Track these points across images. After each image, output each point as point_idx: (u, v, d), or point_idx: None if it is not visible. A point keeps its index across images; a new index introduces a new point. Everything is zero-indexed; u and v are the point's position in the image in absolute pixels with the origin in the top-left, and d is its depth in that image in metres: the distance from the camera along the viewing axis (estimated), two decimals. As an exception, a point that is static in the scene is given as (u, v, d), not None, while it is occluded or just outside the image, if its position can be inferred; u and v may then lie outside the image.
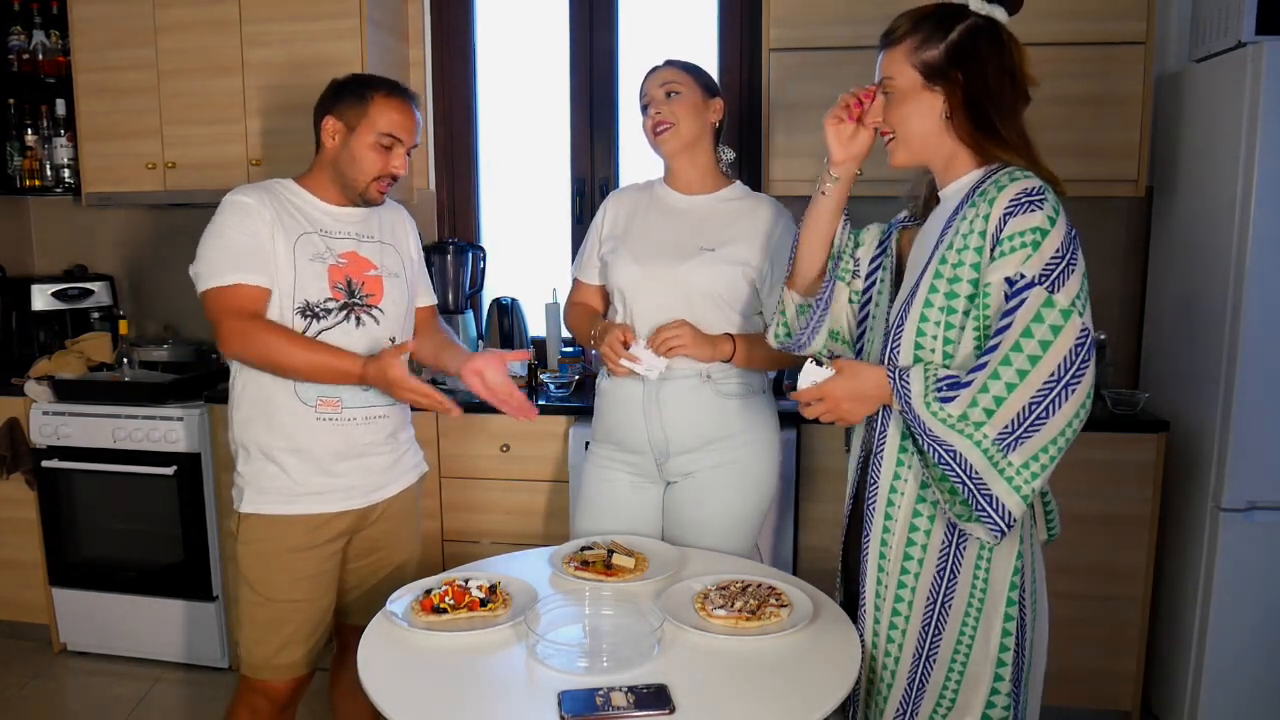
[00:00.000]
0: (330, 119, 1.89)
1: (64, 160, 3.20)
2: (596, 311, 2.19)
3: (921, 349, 1.49)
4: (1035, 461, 1.40)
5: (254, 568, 1.91)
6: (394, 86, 1.91)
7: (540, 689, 1.41)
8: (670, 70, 2.04)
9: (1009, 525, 1.41)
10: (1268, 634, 2.38)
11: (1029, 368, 1.37)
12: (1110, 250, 2.91)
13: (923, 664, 1.56)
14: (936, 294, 1.47)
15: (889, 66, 1.52)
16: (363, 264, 1.93)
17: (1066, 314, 1.37)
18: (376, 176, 1.90)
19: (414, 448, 2.10)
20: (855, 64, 2.61)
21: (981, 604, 1.51)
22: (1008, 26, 1.51)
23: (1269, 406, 2.30)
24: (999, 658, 1.51)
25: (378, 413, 1.95)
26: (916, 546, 1.54)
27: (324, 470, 1.90)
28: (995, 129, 1.48)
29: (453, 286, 3.10)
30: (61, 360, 3.01)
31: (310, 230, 1.89)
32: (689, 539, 2.04)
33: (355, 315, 1.90)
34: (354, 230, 1.96)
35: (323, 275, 1.87)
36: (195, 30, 2.88)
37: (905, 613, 1.56)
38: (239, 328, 1.80)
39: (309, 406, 1.88)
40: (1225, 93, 2.35)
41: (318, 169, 1.95)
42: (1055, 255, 1.38)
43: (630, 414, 2.04)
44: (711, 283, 1.99)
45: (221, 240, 1.84)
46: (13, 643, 3.14)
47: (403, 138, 1.90)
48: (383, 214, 2.04)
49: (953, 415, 1.40)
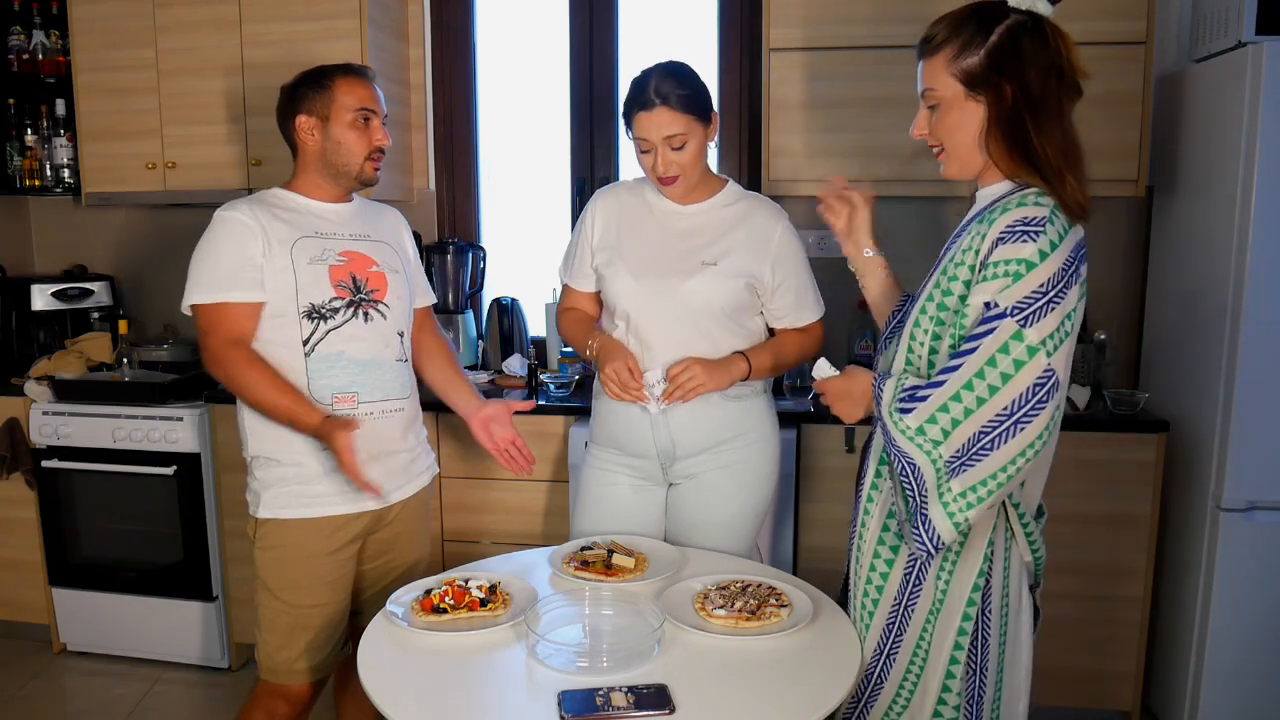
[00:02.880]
0: (301, 117, 1.93)
1: (64, 160, 3.20)
2: (591, 318, 2.15)
3: (912, 352, 1.50)
4: (973, 493, 1.37)
5: (274, 573, 1.91)
6: (348, 67, 1.97)
7: (540, 689, 1.41)
8: (671, 116, 1.85)
9: (935, 548, 1.41)
10: (1268, 634, 2.38)
11: (987, 396, 1.34)
12: (1110, 250, 2.91)
13: (883, 661, 1.57)
14: (931, 303, 1.47)
15: (930, 77, 1.46)
16: (364, 261, 1.95)
17: (1033, 351, 1.33)
18: (367, 155, 1.94)
19: (426, 449, 2.11)
20: (856, 63, 2.62)
21: (937, 615, 1.50)
22: (1051, 19, 1.43)
23: (1269, 406, 2.30)
24: (949, 669, 1.50)
25: (394, 405, 1.96)
26: (885, 546, 1.55)
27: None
28: (1030, 145, 1.40)
29: (453, 286, 3.10)
30: (61, 360, 3.01)
31: (306, 234, 1.90)
32: (692, 539, 2.03)
33: (363, 311, 1.92)
34: (350, 230, 1.97)
35: (324, 276, 1.89)
36: (195, 30, 2.88)
37: (871, 609, 1.57)
38: (221, 354, 1.84)
39: (325, 404, 1.88)
40: (1225, 93, 2.35)
41: (302, 172, 1.97)
42: (1037, 290, 1.33)
43: (636, 421, 2.02)
44: (715, 298, 1.95)
45: (210, 257, 1.86)
46: (13, 643, 3.14)
47: (374, 109, 1.94)
48: (378, 215, 2.06)
49: (910, 427, 1.40)
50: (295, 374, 1.87)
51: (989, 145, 1.44)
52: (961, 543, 1.48)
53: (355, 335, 1.90)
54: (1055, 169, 1.40)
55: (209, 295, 1.84)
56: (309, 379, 1.87)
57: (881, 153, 2.63)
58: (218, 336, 1.84)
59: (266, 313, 1.87)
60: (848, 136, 2.64)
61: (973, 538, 1.47)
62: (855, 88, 2.61)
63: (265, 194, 1.96)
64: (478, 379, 2.92)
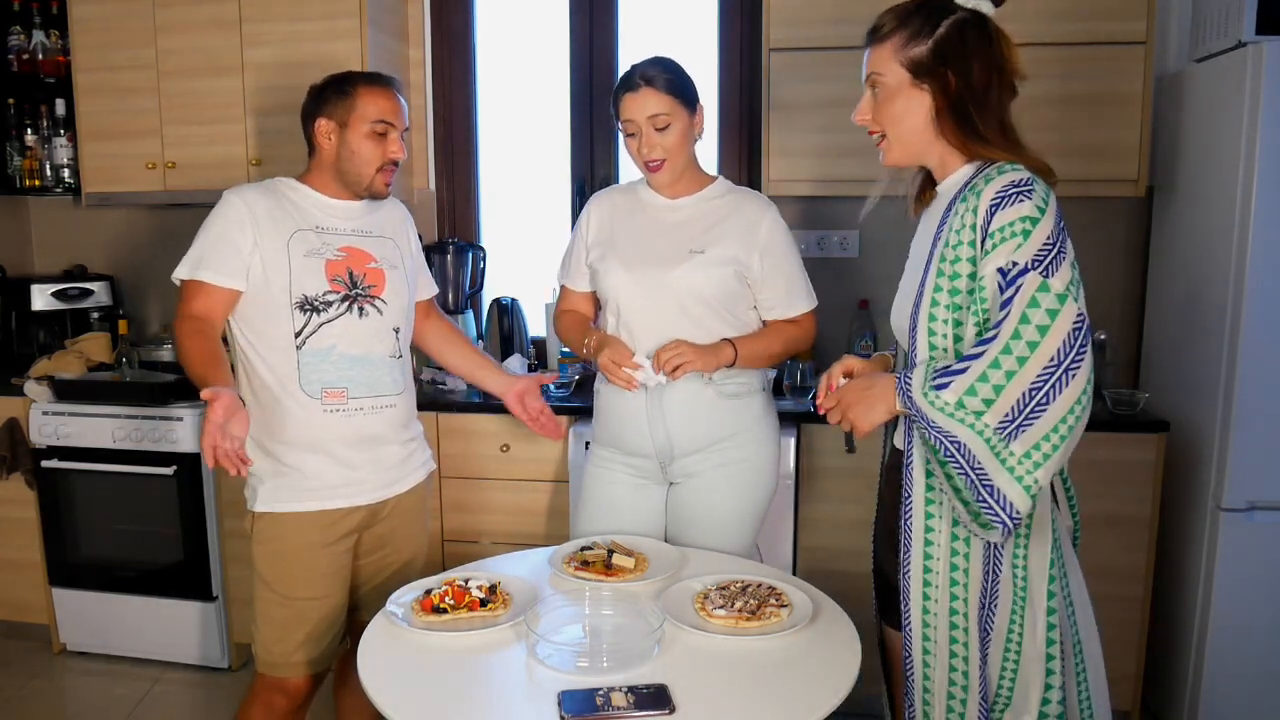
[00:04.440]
0: (322, 120, 1.93)
1: (64, 160, 3.20)
2: (587, 319, 2.18)
3: (934, 348, 1.49)
4: (1037, 450, 1.37)
5: (271, 566, 1.92)
6: (374, 76, 1.97)
7: (540, 689, 1.41)
8: (655, 97, 1.92)
9: (1014, 519, 1.38)
10: (1268, 634, 2.38)
11: (1028, 354, 1.35)
12: (1110, 250, 2.91)
13: (982, 664, 1.53)
14: (941, 292, 1.47)
15: (876, 63, 1.52)
16: (362, 257, 1.96)
17: (1062, 298, 1.36)
18: (379, 167, 1.94)
19: (423, 444, 2.12)
20: (855, 64, 2.58)
21: (1024, 602, 1.48)
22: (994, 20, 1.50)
23: (1269, 406, 2.30)
24: (1046, 652, 1.48)
25: (385, 401, 1.97)
26: (960, 556, 1.52)
27: (338, 462, 1.92)
28: (977, 129, 1.47)
29: (453, 286, 3.10)
30: (61, 360, 3.01)
31: (305, 227, 1.92)
32: (692, 538, 2.04)
33: (359, 306, 1.93)
34: (352, 226, 1.98)
35: (319, 270, 1.90)
36: (195, 30, 2.88)
37: (963, 624, 1.53)
38: (178, 324, 1.87)
39: (315, 399, 1.89)
40: (1225, 93, 2.35)
41: (316, 169, 1.98)
42: (1047, 242, 1.38)
43: (633, 418, 2.03)
44: (703, 286, 1.97)
45: (205, 235, 1.89)
46: (13, 643, 3.14)
47: (394, 122, 1.94)
48: (382, 209, 2.06)
49: (949, 403, 1.39)
50: (286, 366, 1.89)
51: (943, 131, 1.49)
52: (1029, 525, 1.46)
53: (349, 330, 1.91)
54: (1003, 146, 1.47)
55: (190, 271, 1.88)
56: (299, 371, 1.89)
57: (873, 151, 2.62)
58: (183, 311, 1.87)
59: (258, 303, 1.88)
60: (847, 136, 2.63)
61: (1039, 512, 1.46)
62: (855, 88, 2.57)
63: (278, 181, 1.98)
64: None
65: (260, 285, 1.87)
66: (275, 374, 1.89)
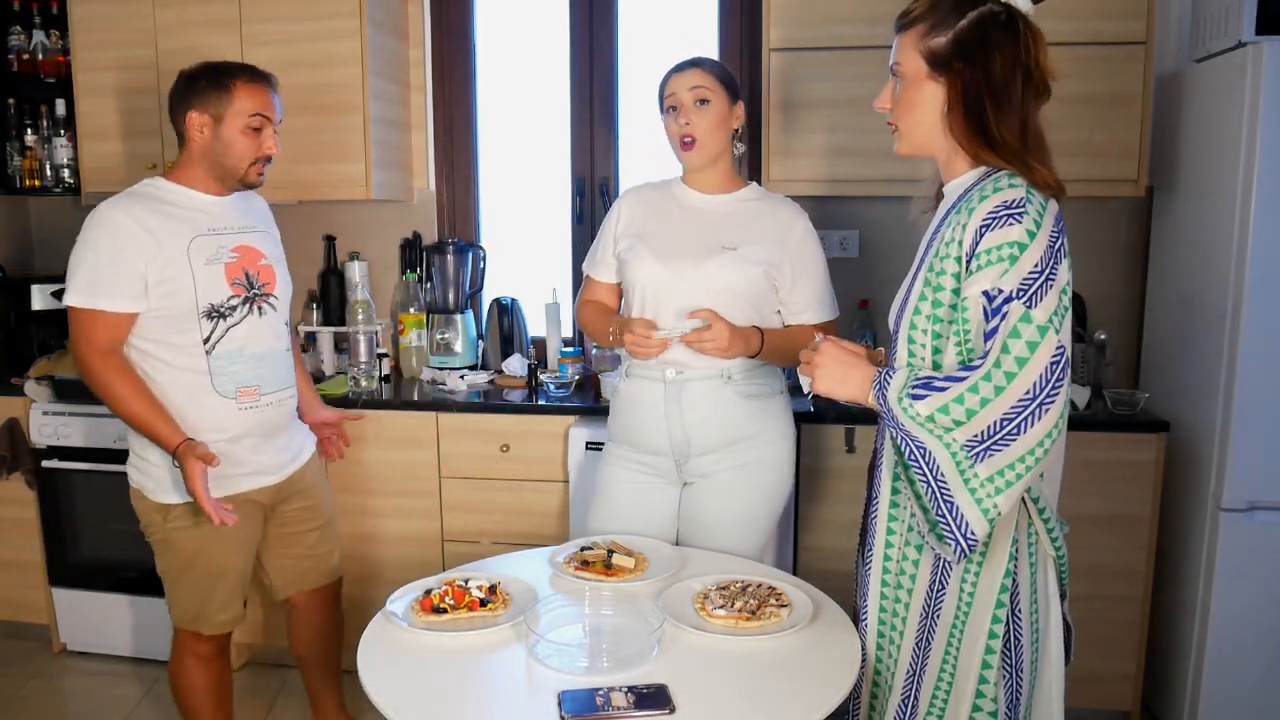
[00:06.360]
0: (194, 114, 1.94)
1: (64, 160, 3.20)
2: (611, 309, 2.18)
3: (914, 356, 1.48)
4: (1001, 477, 1.35)
5: (189, 544, 2.03)
6: (252, 71, 1.99)
7: (540, 689, 1.41)
8: (700, 74, 2.00)
9: (969, 541, 1.37)
10: (1268, 634, 2.38)
11: (1005, 384, 1.33)
12: (1110, 250, 2.91)
13: (916, 677, 1.54)
14: (925, 302, 1.46)
15: (900, 51, 1.49)
16: (254, 255, 2.02)
17: (1043, 330, 1.33)
18: (254, 160, 1.97)
19: (300, 424, 2.28)
20: (855, 64, 2.62)
21: (966, 617, 1.48)
22: (1031, 18, 1.45)
23: (1269, 406, 2.30)
24: (981, 674, 1.47)
25: (289, 393, 2.14)
26: (909, 562, 1.53)
27: (250, 451, 2.03)
28: (989, 131, 1.43)
29: (453, 286, 3.10)
30: (61, 360, 3.01)
31: (200, 233, 1.94)
32: (705, 539, 2.03)
33: (257, 306, 2.01)
34: (237, 223, 2.03)
35: (220, 276, 1.95)
36: (195, 30, 2.87)
37: (900, 628, 1.55)
38: (92, 362, 1.89)
39: (230, 399, 1.98)
40: (1225, 93, 2.35)
41: (187, 164, 1.99)
42: (1034, 270, 1.34)
43: (651, 415, 2.03)
44: (735, 280, 1.98)
45: (90, 258, 1.88)
46: (13, 643, 3.14)
47: (270, 116, 1.97)
48: (252, 202, 2.13)
49: (921, 414, 1.38)
50: (198, 373, 1.94)
51: (952, 128, 1.46)
52: (986, 543, 1.45)
53: (252, 331, 2.00)
54: (1016, 152, 1.42)
55: (87, 300, 1.87)
56: (211, 377, 1.95)
57: (881, 153, 2.61)
58: (90, 344, 1.89)
59: (163, 316, 1.91)
60: (848, 136, 2.64)
61: (997, 536, 1.45)
62: (855, 88, 2.61)
63: (147, 187, 1.97)
64: (477, 379, 2.93)
65: (163, 301, 1.90)
66: (184, 379, 1.95)
